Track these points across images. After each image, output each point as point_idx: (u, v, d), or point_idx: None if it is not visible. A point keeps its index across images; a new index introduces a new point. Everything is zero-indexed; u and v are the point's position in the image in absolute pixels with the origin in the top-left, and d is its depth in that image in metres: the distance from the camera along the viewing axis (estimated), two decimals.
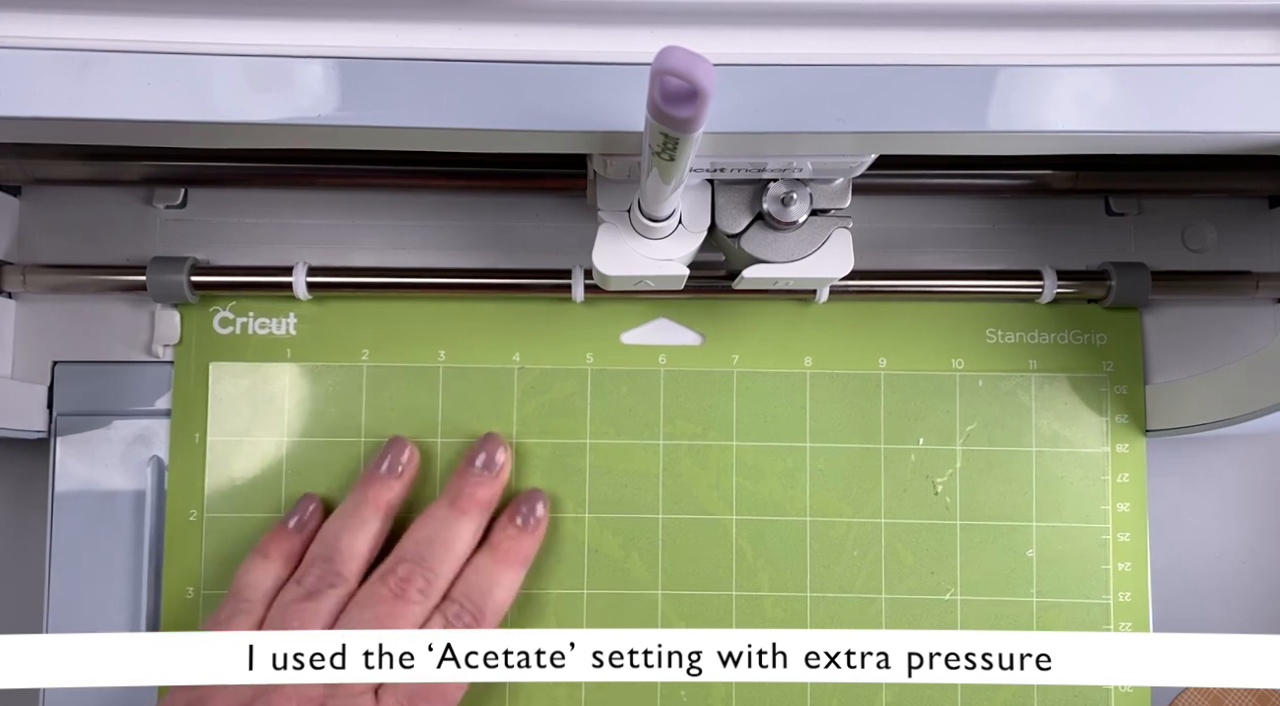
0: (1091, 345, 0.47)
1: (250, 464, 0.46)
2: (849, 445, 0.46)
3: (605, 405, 0.46)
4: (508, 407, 0.46)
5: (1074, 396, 0.47)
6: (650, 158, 0.28)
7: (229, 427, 0.46)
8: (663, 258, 0.38)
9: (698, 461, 0.46)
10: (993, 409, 0.47)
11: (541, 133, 0.31)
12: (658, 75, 0.23)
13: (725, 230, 0.38)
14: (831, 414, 0.47)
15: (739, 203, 0.38)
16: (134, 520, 0.45)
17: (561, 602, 0.45)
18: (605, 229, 0.38)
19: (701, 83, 0.23)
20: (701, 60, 0.22)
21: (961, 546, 0.46)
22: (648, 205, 0.35)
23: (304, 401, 0.46)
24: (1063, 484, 0.46)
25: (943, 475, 0.46)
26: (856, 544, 0.46)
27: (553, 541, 0.46)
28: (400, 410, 0.46)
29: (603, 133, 0.31)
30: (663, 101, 0.24)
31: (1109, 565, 0.46)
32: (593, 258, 0.37)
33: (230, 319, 0.46)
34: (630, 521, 0.46)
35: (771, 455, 0.46)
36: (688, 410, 0.46)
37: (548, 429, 0.46)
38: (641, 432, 0.46)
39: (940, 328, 0.47)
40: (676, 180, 0.31)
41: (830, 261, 0.38)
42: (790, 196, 0.37)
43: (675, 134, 0.25)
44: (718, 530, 0.46)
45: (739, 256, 0.39)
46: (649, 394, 0.46)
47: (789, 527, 0.46)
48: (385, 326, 0.46)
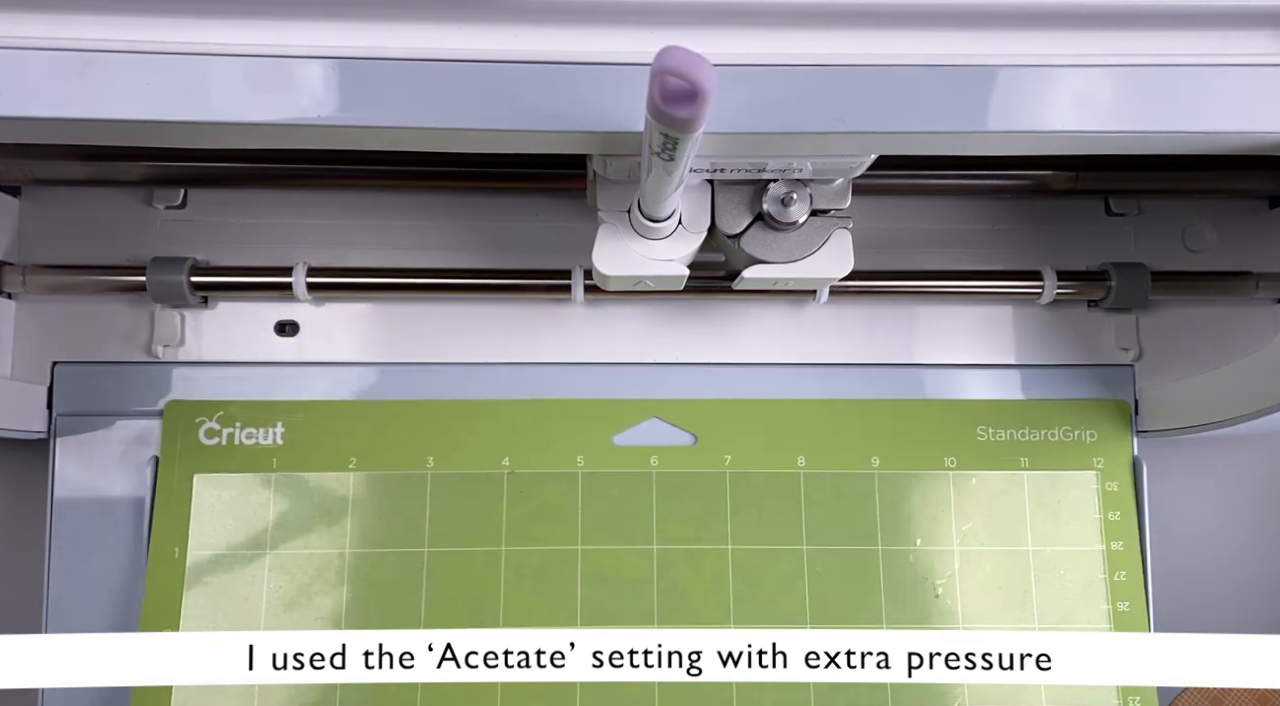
0: (1081, 442, 0.47)
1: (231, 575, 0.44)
2: (846, 547, 0.45)
3: (596, 510, 0.45)
4: (497, 515, 0.45)
5: (1066, 494, 0.46)
6: (650, 158, 0.28)
7: (211, 540, 0.44)
8: (663, 258, 0.38)
9: (693, 566, 0.45)
10: (987, 507, 0.46)
11: (541, 133, 0.31)
12: (658, 75, 0.23)
13: (725, 230, 0.38)
14: (827, 515, 0.45)
15: (739, 203, 0.38)
16: (134, 520, 0.45)
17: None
18: (605, 229, 0.38)
19: (701, 83, 0.23)
20: (701, 60, 0.22)
21: None
22: (648, 205, 0.35)
23: (289, 512, 0.45)
24: (1062, 582, 0.45)
25: (942, 577, 0.45)
26: None
27: None
28: (390, 517, 0.45)
29: (602, 133, 0.31)
30: (663, 101, 0.24)
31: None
32: (593, 258, 0.37)
33: (216, 430, 0.45)
34: None
35: (768, 558, 0.45)
36: (681, 513, 0.45)
37: (538, 535, 0.45)
38: (634, 538, 0.45)
39: (932, 425, 0.46)
40: (676, 180, 0.31)
41: (830, 261, 0.38)
42: (790, 197, 0.37)
43: (675, 134, 0.25)
44: None
45: (739, 257, 0.39)
46: (641, 497, 0.45)
47: None
48: (373, 433, 0.45)
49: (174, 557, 0.44)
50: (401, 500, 0.45)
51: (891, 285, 0.46)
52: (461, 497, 0.45)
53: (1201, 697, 0.49)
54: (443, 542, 0.45)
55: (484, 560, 0.44)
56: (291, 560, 0.44)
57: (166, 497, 0.45)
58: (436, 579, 0.44)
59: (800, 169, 0.35)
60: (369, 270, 0.46)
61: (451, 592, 0.44)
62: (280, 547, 0.44)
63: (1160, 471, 0.48)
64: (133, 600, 0.45)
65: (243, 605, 0.44)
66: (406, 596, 0.44)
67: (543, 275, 0.46)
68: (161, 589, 0.44)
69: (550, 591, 0.44)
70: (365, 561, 0.44)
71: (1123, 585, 0.45)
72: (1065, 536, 0.46)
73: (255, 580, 0.44)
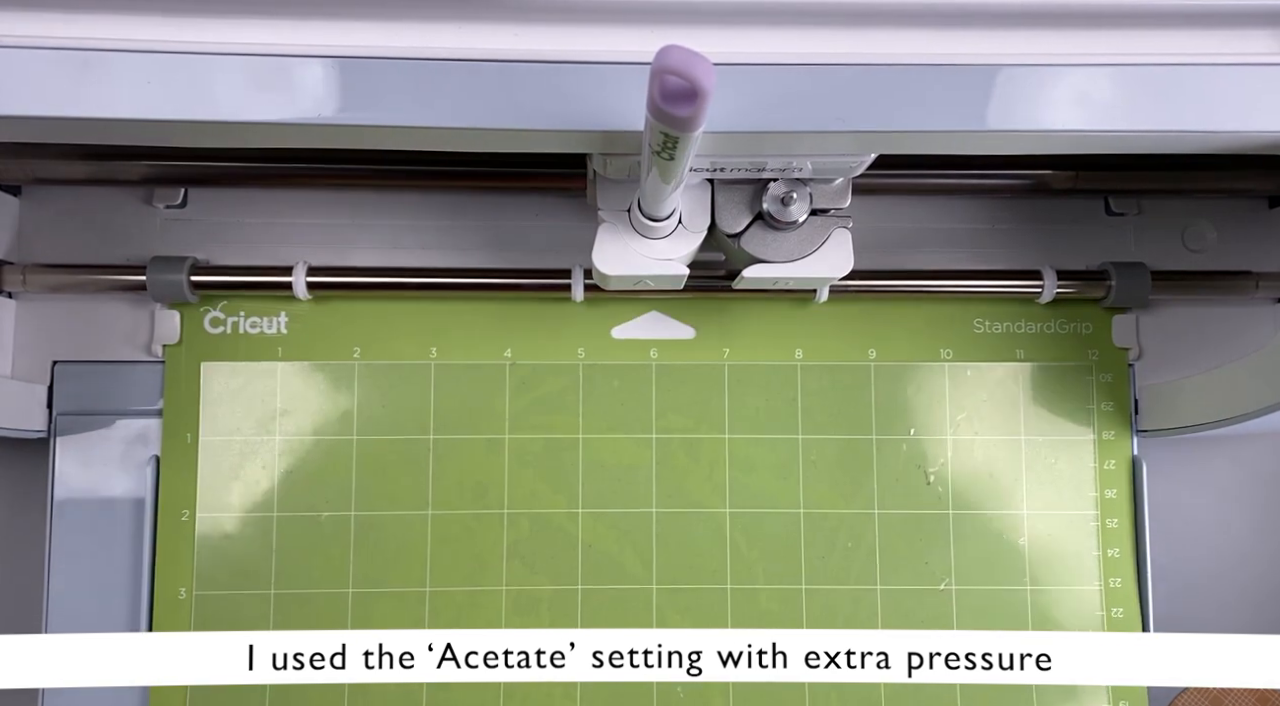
0: (1076, 334, 0.48)
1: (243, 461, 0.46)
2: (841, 436, 0.47)
3: (597, 400, 0.46)
4: (499, 404, 0.46)
5: (1060, 385, 0.47)
6: (650, 157, 0.28)
7: (222, 427, 0.46)
8: (663, 257, 0.38)
9: (690, 455, 0.46)
10: (982, 398, 0.47)
11: (540, 132, 0.31)
12: (658, 74, 0.23)
13: (725, 230, 0.38)
14: (823, 406, 0.47)
15: (739, 202, 0.38)
16: (134, 519, 0.45)
17: (556, 599, 0.45)
18: (605, 228, 0.38)
19: (701, 82, 0.23)
20: (701, 59, 0.22)
21: (954, 536, 0.46)
22: (647, 205, 0.35)
23: (295, 399, 0.46)
24: (1052, 471, 0.47)
25: (934, 465, 0.47)
26: (850, 535, 0.46)
27: (546, 537, 0.46)
28: (394, 406, 0.46)
29: (602, 132, 0.31)
30: (662, 100, 0.24)
31: (1099, 551, 0.46)
32: (593, 257, 0.37)
33: (221, 319, 0.46)
34: (624, 516, 0.46)
35: (764, 447, 0.46)
36: (680, 404, 0.46)
37: (539, 424, 0.46)
38: (634, 427, 0.46)
39: (929, 319, 0.47)
40: (676, 180, 0.31)
41: (830, 261, 0.38)
42: (790, 196, 0.37)
43: (675, 133, 0.25)
44: (712, 524, 0.46)
45: (739, 256, 0.39)
46: (641, 388, 0.47)
47: (783, 520, 0.46)
48: (377, 324, 0.46)
49: (187, 443, 0.45)
50: (406, 389, 0.46)
51: (892, 285, 0.46)
52: (464, 387, 0.46)
53: (1201, 697, 0.49)
54: (447, 430, 0.46)
55: (487, 447, 0.46)
56: (300, 446, 0.46)
57: (175, 386, 0.46)
58: (442, 465, 0.46)
59: (800, 168, 0.35)
60: (369, 270, 0.46)
61: (457, 478, 0.46)
62: (288, 434, 0.46)
63: (1159, 471, 0.48)
64: (133, 599, 0.45)
65: (254, 488, 0.45)
66: (413, 481, 0.46)
67: (543, 275, 0.46)
68: (176, 473, 0.45)
69: (552, 476, 0.46)
70: (371, 447, 0.46)
71: (1111, 474, 0.47)
72: (1059, 426, 0.47)
73: (266, 466, 0.45)
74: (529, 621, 0.45)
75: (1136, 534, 0.47)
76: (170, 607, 0.45)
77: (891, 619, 0.46)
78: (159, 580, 0.45)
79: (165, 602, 0.45)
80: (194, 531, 0.45)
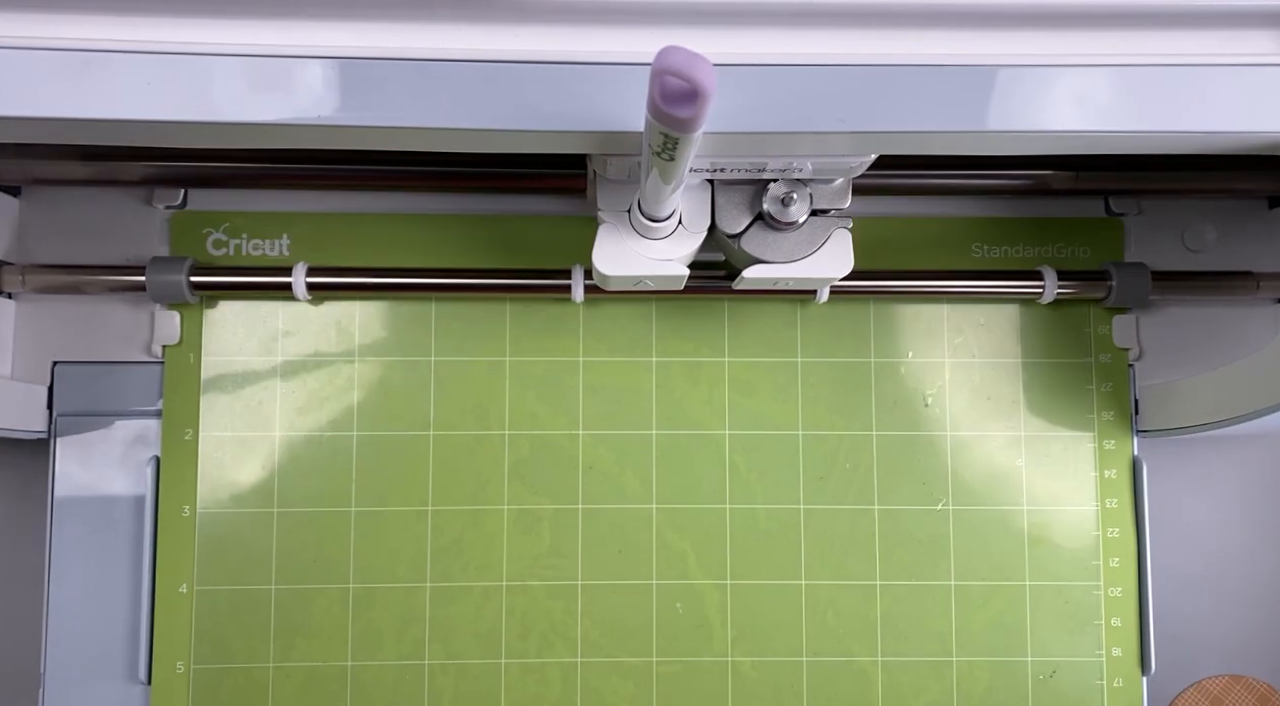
0: (1075, 258, 0.48)
1: None
2: (839, 359, 0.47)
3: (597, 327, 0.47)
4: (500, 328, 0.47)
5: (1059, 309, 0.48)
6: (650, 158, 0.28)
7: (225, 348, 0.46)
8: (663, 258, 0.38)
9: (690, 378, 0.47)
10: (979, 322, 0.48)
11: (540, 132, 0.31)
12: (658, 75, 0.23)
13: (725, 230, 0.38)
14: (822, 330, 0.47)
15: (739, 203, 0.38)
16: (134, 520, 0.45)
17: (557, 518, 0.46)
18: (605, 229, 0.38)
19: (702, 83, 0.23)
20: (702, 60, 0.22)
21: (953, 457, 0.47)
22: (648, 205, 0.35)
23: (298, 320, 0.46)
24: (1051, 392, 0.47)
25: (932, 387, 0.47)
26: (849, 456, 0.47)
27: (548, 458, 0.46)
28: (396, 329, 0.46)
29: (602, 133, 0.31)
30: (663, 102, 0.24)
31: (1096, 472, 0.47)
32: (593, 258, 0.37)
33: (224, 240, 0.46)
34: (624, 437, 0.46)
35: (764, 369, 0.47)
36: (680, 330, 0.47)
37: (540, 348, 0.47)
38: (634, 351, 0.47)
39: (928, 243, 0.48)
40: (676, 180, 0.31)
41: (830, 261, 0.38)
42: (790, 196, 0.37)
43: (675, 134, 0.25)
44: (711, 445, 0.46)
45: (739, 256, 0.39)
46: (641, 316, 0.47)
47: (781, 441, 0.46)
48: (380, 245, 0.47)
49: (189, 363, 0.46)
50: (407, 311, 0.47)
51: (891, 285, 0.46)
52: (465, 313, 0.47)
53: (1201, 697, 0.49)
54: (448, 353, 0.47)
55: (488, 369, 0.46)
56: (302, 366, 0.46)
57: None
58: (444, 387, 0.46)
59: (800, 169, 0.35)
60: (369, 270, 0.46)
61: (459, 399, 0.46)
62: (291, 355, 0.46)
63: (1160, 471, 0.48)
64: (134, 599, 0.45)
65: (258, 409, 0.46)
66: (415, 401, 0.46)
67: (542, 275, 0.46)
68: (179, 393, 0.46)
69: (552, 398, 0.47)
70: (373, 368, 0.46)
71: (1109, 395, 0.47)
72: (1057, 349, 0.48)
73: (269, 387, 0.46)
74: (530, 540, 0.46)
75: (1138, 534, 0.47)
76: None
77: (889, 538, 0.46)
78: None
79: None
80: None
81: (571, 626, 0.46)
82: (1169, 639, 0.48)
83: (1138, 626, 0.46)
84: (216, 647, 0.45)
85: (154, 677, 0.45)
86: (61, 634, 0.45)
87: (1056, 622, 0.46)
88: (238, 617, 0.45)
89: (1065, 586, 0.46)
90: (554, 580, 0.46)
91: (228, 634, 0.45)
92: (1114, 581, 0.46)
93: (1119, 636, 0.46)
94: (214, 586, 0.45)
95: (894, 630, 0.46)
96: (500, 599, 0.46)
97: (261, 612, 0.45)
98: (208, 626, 0.45)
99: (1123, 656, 0.46)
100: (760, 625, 0.46)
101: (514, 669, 0.45)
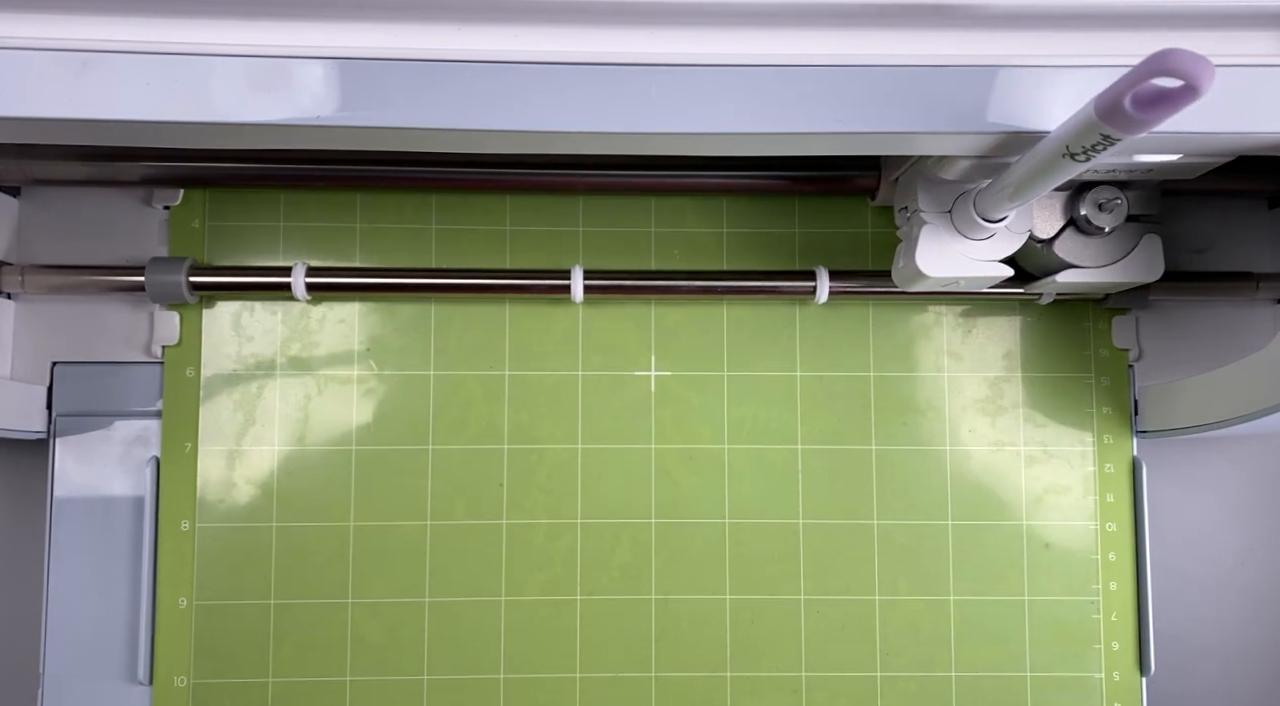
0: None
1: None
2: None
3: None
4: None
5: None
6: (1056, 160, 0.28)
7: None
8: (985, 258, 0.38)
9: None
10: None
11: (538, 133, 0.31)
12: (1142, 77, 0.23)
13: (1037, 235, 0.38)
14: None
15: (1051, 208, 0.38)
16: (133, 520, 0.45)
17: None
18: (929, 230, 0.37)
19: (1204, 85, 0.22)
20: (1205, 62, 0.22)
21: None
22: (992, 207, 0.35)
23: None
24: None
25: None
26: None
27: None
28: None
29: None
30: (1134, 104, 0.23)
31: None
32: (916, 259, 0.37)
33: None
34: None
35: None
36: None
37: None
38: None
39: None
40: (1057, 183, 0.31)
41: (1141, 266, 0.38)
42: (1112, 202, 0.37)
43: (1120, 136, 0.25)
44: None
45: (1046, 261, 0.39)
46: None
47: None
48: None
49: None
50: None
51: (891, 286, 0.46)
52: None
53: None
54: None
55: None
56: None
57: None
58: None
59: (1149, 168, 0.35)
60: (369, 270, 0.46)
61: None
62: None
63: (1160, 471, 0.48)
64: (133, 599, 0.45)
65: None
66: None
67: (543, 275, 0.46)
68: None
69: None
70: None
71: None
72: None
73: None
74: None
75: (1136, 534, 0.46)
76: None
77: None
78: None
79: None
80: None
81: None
82: (1169, 639, 0.48)
83: (1136, 627, 0.46)
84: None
85: (155, 693, 0.45)
86: (61, 634, 0.45)
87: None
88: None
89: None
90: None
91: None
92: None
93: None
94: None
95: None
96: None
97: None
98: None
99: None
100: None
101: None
